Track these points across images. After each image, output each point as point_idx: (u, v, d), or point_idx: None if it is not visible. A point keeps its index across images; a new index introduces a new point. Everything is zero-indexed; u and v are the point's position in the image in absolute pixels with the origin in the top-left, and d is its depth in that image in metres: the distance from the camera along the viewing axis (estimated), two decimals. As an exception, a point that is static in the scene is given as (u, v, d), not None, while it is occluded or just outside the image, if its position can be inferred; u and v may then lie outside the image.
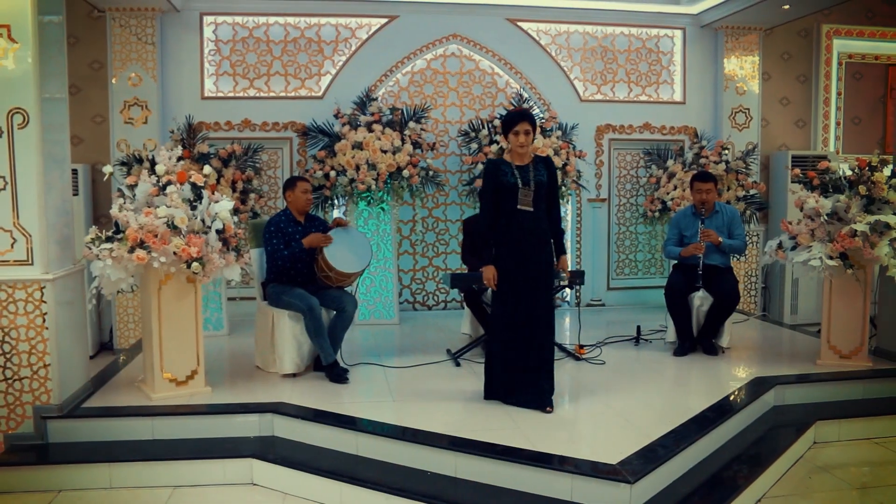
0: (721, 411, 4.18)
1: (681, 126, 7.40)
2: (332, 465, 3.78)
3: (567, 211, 7.34)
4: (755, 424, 4.40)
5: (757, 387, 4.65)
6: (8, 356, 4.06)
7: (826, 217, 4.95)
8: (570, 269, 4.29)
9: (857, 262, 4.89)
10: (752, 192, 6.74)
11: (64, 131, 4.43)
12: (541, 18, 7.14)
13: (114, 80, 6.41)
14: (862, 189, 4.87)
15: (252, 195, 6.09)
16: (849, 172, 5.02)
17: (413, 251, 7.17)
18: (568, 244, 7.40)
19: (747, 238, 7.14)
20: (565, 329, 6.54)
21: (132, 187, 4.42)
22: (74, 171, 6.23)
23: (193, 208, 4.37)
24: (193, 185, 4.40)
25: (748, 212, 6.72)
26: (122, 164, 5.81)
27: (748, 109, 7.39)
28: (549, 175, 4.23)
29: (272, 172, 6.85)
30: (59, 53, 4.33)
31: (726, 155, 6.78)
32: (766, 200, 7.41)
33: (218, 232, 4.40)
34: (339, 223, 5.02)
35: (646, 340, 5.82)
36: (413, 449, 3.77)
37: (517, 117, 4.17)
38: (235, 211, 5.82)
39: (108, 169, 4.48)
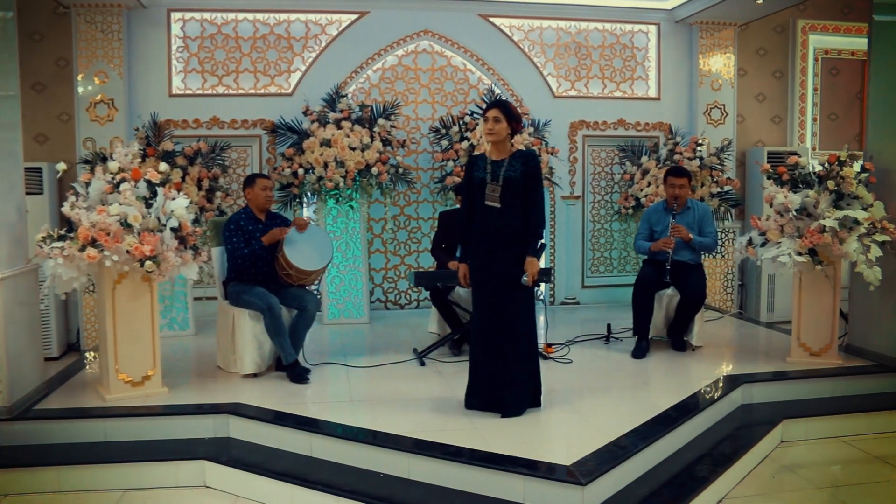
0: (684, 410, 4.11)
1: (656, 122, 7.34)
2: (284, 467, 3.71)
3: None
4: (722, 423, 4.34)
5: (723, 385, 4.59)
6: (-44, 357, 3.97)
7: (795, 213, 4.89)
8: (537, 270, 4.03)
9: (827, 258, 4.83)
10: (726, 188, 6.68)
11: (16, 129, 4.34)
12: (513, 14, 7.06)
13: (80, 78, 6.30)
14: (830, 184, 4.82)
15: (218, 193, 6.00)
16: (819, 168, 4.97)
17: (385, 250, 7.08)
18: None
19: (722, 235, 7.12)
20: (539, 328, 6.44)
21: (86, 185, 4.34)
22: (39, 170, 6.15)
23: (149, 206, 4.28)
24: (149, 183, 4.32)
25: (722, 208, 6.66)
26: (86, 162, 5.71)
27: (724, 105, 7.33)
28: (525, 171, 3.98)
29: (241, 170, 6.75)
30: (8, 50, 4.24)
31: (700, 151, 6.71)
32: (742, 197, 7.35)
33: (174, 230, 4.31)
34: (298, 222, 4.93)
35: (616, 339, 5.75)
36: (367, 450, 3.69)
37: (487, 106, 4.09)
38: (201, 209, 5.78)
39: (61, 166, 4.40)
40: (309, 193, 6.31)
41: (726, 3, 6.56)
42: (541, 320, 6.61)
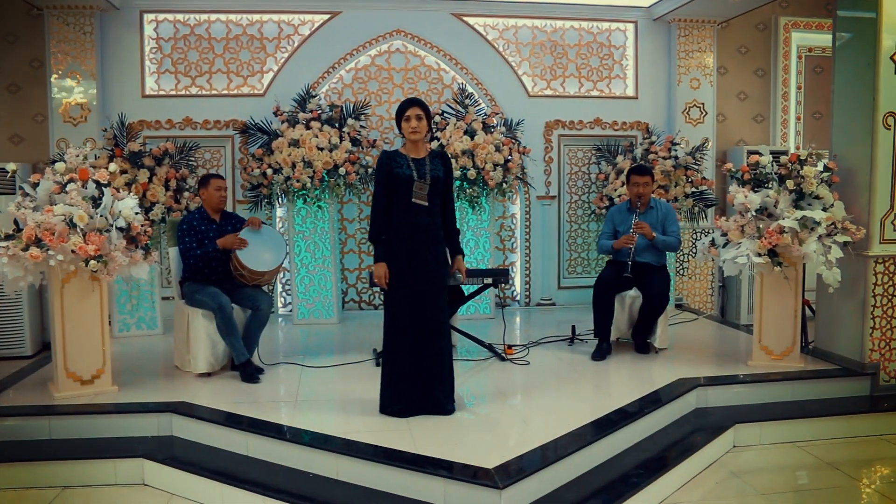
0: (626, 414, 4.04)
1: (633, 121, 7.27)
2: (218, 466, 3.71)
3: (515, 208, 7.24)
4: (672, 427, 4.27)
5: (676, 388, 4.52)
6: None
7: (755, 213, 4.81)
8: (467, 269, 4.09)
9: (788, 259, 4.75)
10: (701, 188, 6.59)
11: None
12: (487, 13, 7.02)
13: (53, 79, 6.36)
14: (790, 184, 4.74)
15: (186, 194, 6.01)
16: (779, 167, 4.89)
17: (359, 250, 7.08)
18: (517, 242, 7.30)
19: (697, 235, 7.03)
20: (515, 328, 6.43)
21: (35, 185, 4.37)
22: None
23: (97, 206, 4.30)
24: (97, 183, 4.34)
25: (696, 208, 6.58)
26: (53, 163, 5.74)
27: (703, 104, 7.24)
28: (445, 170, 4.08)
29: (215, 170, 6.77)
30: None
31: (675, 150, 6.64)
32: (721, 197, 7.25)
33: (121, 230, 4.33)
34: (251, 222, 4.94)
35: (581, 340, 5.69)
36: (299, 450, 3.68)
37: (408, 104, 4.03)
38: (168, 209, 5.81)
39: (11, 166, 4.44)
40: (279, 193, 6.31)
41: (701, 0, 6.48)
42: (517, 321, 6.65)
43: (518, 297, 7.39)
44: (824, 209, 4.71)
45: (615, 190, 6.66)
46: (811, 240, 4.60)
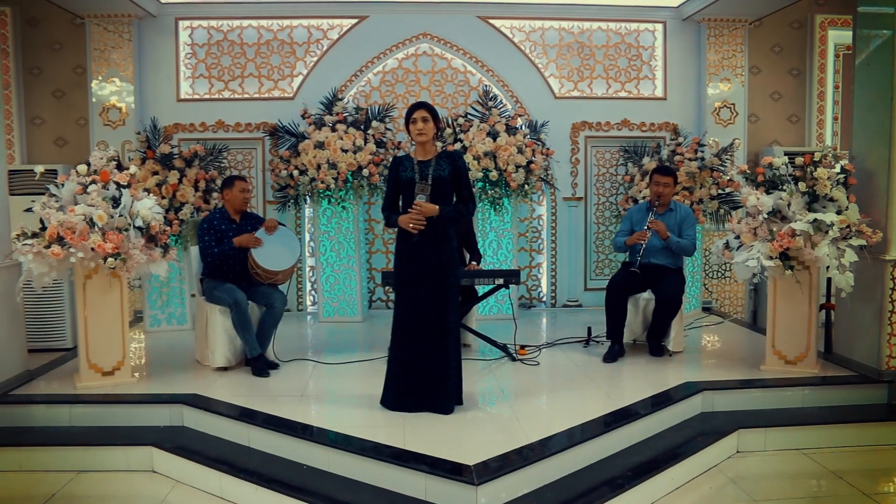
0: (622, 415, 4.06)
1: (662, 123, 7.20)
2: (220, 455, 3.88)
3: (542, 210, 7.26)
4: (673, 430, 4.25)
5: (680, 392, 4.49)
6: (-63, 345, 4.31)
7: (767, 215, 4.74)
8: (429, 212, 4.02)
9: (801, 262, 4.66)
10: (727, 190, 6.49)
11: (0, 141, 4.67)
12: (513, 15, 7.07)
13: (93, 84, 6.69)
14: (802, 185, 4.65)
15: (215, 194, 6.24)
16: (793, 169, 4.79)
17: (386, 249, 7.21)
18: (543, 243, 7.32)
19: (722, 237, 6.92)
20: (540, 328, 6.46)
21: (62, 186, 4.62)
22: (55, 171, 6.53)
23: (116, 206, 4.53)
24: (117, 185, 4.57)
25: (721, 210, 6.48)
26: (87, 164, 6.04)
27: (733, 105, 7.13)
28: (452, 170, 4.12)
29: (247, 172, 7.01)
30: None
31: (702, 151, 6.56)
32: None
33: (140, 229, 4.55)
34: (268, 224, 5.11)
35: (596, 342, 5.68)
36: (295, 443, 3.82)
37: (414, 107, 4.12)
38: (198, 209, 6.04)
39: (38, 169, 4.71)
40: (305, 194, 6.49)
41: (728, -2, 6.40)
42: (543, 322, 6.67)
43: (544, 298, 7.41)
44: (839, 212, 4.60)
45: (640, 192, 6.61)
46: (824, 243, 4.51)
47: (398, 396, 4.14)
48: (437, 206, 4.03)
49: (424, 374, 4.08)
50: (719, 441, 4.15)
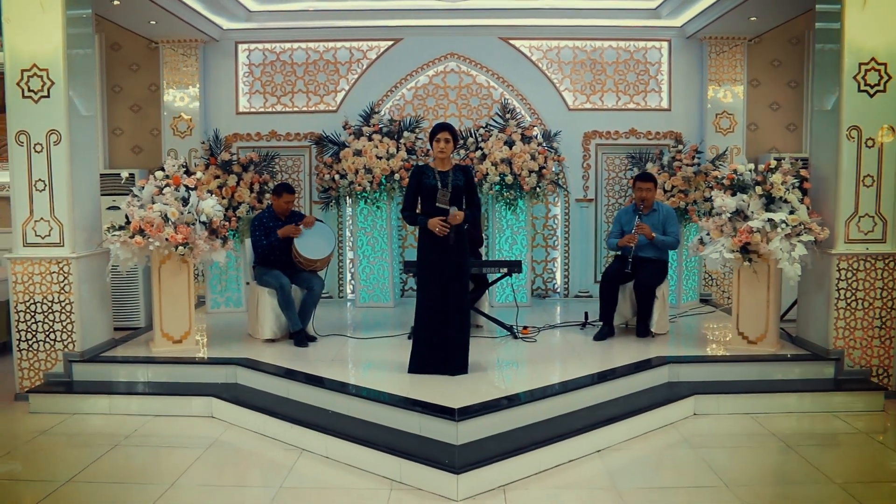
0: (593, 378, 4.90)
1: (666, 131, 7.93)
2: (263, 405, 4.86)
3: (557, 210, 8.09)
4: (638, 395, 5.01)
5: (648, 363, 5.28)
6: (46, 314, 5.41)
7: (731, 214, 5.49)
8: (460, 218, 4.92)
9: (760, 255, 5.39)
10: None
11: (91, 144, 5.74)
12: (532, 36, 7.92)
13: (165, 100, 7.82)
14: (758, 189, 5.39)
15: (268, 195, 7.27)
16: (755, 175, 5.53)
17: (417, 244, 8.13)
18: (558, 240, 8.15)
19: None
20: (554, 315, 7.30)
21: (142, 188, 5.68)
22: (133, 175, 7.68)
23: (186, 205, 5.57)
24: (186, 187, 5.61)
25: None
26: (161, 169, 7.15)
27: (732, 115, 7.81)
28: (465, 180, 5.04)
29: (295, 175, 8.05)
30: (87, 81, 5.62)
31: (699, 158, 7.29)
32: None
33: (204, 223, 5.58)
34: (307, 221, 6.08)
35: (592, 325, 6.47)
36: (322, 393, 4.79)
37: (438, 128, 5.03)
38: (252, 208, 7.09)
39: (124, 174, 5.80)
40: (344, 195, 7.48)
41: (722, 19, 7.07)
42: (557, 309, 7.50)
43: (558, 289, 8.23)
44: (791, 212, 5.32)
45: (641, 193, 7.37)
46: (776, 238, 5.24)
47: (424, 363, 5.01)
48: (463, 214, 4.96)
49: (448, 343, 4.94)
50: (677, 402, 4.93)
